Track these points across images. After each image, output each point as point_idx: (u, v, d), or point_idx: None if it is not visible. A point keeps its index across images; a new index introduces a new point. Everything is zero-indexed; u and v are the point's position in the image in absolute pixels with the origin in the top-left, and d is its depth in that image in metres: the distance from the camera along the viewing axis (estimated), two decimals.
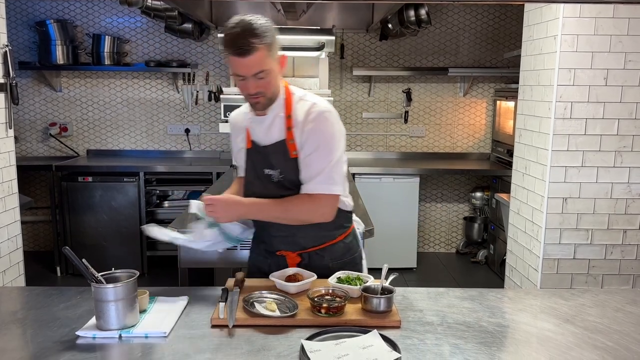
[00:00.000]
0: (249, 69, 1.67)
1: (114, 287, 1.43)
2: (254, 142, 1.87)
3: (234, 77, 1.74)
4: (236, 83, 1.77)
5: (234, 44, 1.65)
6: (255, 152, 1.87)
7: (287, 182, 1.82)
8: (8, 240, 2.85)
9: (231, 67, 1.71)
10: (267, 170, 1.84)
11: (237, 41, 1.64)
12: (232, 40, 1.65)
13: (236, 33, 1.65)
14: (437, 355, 1.36)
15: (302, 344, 1.34)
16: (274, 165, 1.82)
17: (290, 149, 1.79)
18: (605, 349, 1.41)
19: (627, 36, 2.82)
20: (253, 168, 1.88)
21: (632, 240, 3.01)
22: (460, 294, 1.78)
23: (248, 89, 1.72)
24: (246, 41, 1.64)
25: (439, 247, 5.52)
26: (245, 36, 1.64)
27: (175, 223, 2.66)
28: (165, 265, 4.72)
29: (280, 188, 1.82)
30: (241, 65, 1.67)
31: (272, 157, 1.82)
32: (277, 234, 1.87)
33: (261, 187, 1.85)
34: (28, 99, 5.08)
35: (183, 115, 5.20)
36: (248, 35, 1.64)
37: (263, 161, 1.84)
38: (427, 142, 5.35)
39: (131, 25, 5.03)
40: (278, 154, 1.81)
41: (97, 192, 4.52)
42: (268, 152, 1.83)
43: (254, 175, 1.88)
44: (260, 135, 1.85)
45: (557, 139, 2.92)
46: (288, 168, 1.80)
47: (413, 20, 4.11)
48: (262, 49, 1.66)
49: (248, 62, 1.66)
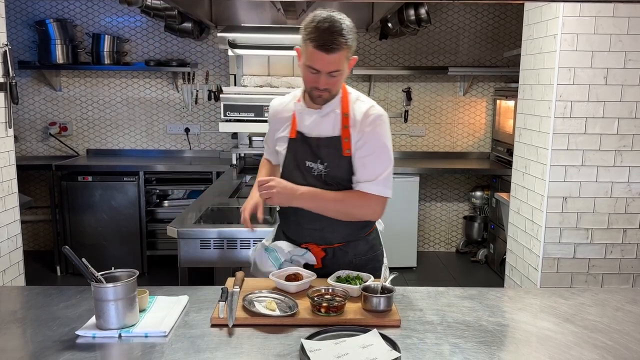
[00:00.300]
0: (328, 65, 1.69)
1: (114, 287, 1.43)
2: (300, 133, 1.87)
3: (305, 67, 1.73)
4: (304, 73, 1.77)
5: (322, 38, 1.65)
6: (300, 142, 1.87)
7: (329, 178, 1.84)
8: (8, 239, 2.85)
9: (307, 58, 1.71)
10: (310, 163, 1.85)
11: (325, 36, 1.65)
12: (321, 35, 1.65)
13: (326, 28, 1.66)
14: (437, 355, 1.36)
15: (302, 343, 1.34)
16: (322, 158, 1.84)
17: (344, 147, 1.82)
18: (605, 348, 1.41)
19: (627, 35, 2.82)
20: (294, 159, 1.88)
21: (632, 240, 3.01)
22: (460, 293, 1.78)
23: (318, 83, 1.74)
24: (334, 39, 1.65)
25: (438, 246, 5.52)
26: (334, 33, 1.65)
27: (175, 222, 2.66)
28: (165, 264, 4.72)
29: (320, 182, 1.84)
30: (322, 60, 1.68)
31: (321, 151, 1.84)
32: (308, 226, 1.88)
33: (300, 179, 1.85)
34: (28, 99, 5.08)
35: (183, 115, 5.19)
36: (337, 33, 1.66)
37: (308, 153, 1.85)
38: (427, 141, 5.35)
39: (131, 24, 5.03)
40: (329, 148, 1.83)
41: (97, 192, 4.52)
42: (318, 145, 1.84)
43: (294, 165, 1.88)
44: (310, 126, 1.86)
45: (557, 138, 2.92)
46: (337, 164, 1.83)
47: (413, 19, 4.11)
48: (346, 49, 1.69)
49: (330, 58, 1.67)
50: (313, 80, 1.74)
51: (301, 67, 1.77)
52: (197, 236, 2.54)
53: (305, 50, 1.72)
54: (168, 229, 2.58)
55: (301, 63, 1.77)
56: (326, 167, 1.83)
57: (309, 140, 1.85)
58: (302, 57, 1.76)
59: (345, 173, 1.84)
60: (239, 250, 2.51)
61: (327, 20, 1.67)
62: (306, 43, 1.70)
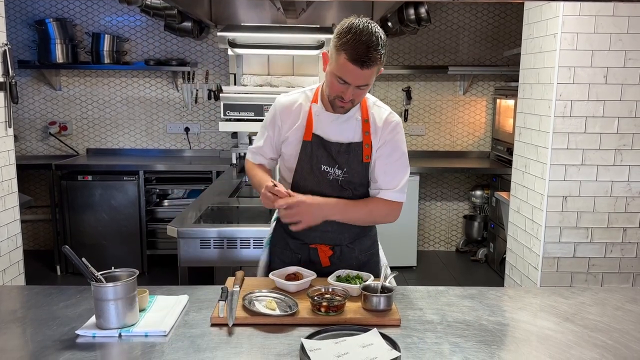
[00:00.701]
0: (359, 79, 1.65)
1: (114, 286, 1.43)
2: (317, 136, 1.82)
3: (333, 75, 1.67)
4: (330, 81, 1.71)
5: (358, 52, 1.59)
6: (316, 146, 1.82)
7: (345, 183, 1.83)
8: (8, 239, 2.85)
9: (338, 69, 1.64)
10: (326, 167, 1.82)
11: (362, 50, 1.59)
12: (357, 48, 1.59)
13: (363, 41, 1.59)
14: (436, 354, 1.36)
15: (302, 343, 1.34)
16: (340, 164, 1.82)
17: (364, 153, 1.82)
18: (605, 347, 1.41)
19: (627, 34, 2.82)
20: (309, 162, 1.83)
21: (632, 239, 3.01)
22: (460, 292, 1.78)
23: (344, 94, 1.69)
24: (371, 54, 1.60)
25: (438, 245, 5.52)
26: (370, 48, 1.60)
27: (175, 222, 2.66)
28: (165, 264, 4.72)
29: (335, 187, 1.83)
30: (355, 74, 1.63)
31: (341, 156, 1.81)
32: (319, 229, 1.84)
33: (315, 183, 1.83)
34: (27, 98, 5.07)
35: (183, 114, 5.19)
36: (374, 48, 1.60)
37: (325, 157, 1.82)
38: (427, 140, 5.35)
39: (130, 23, 5.03)
40: (350, 154, 1.81)
41: (97, 191, 4.52)
42: (339, 151, 1.81)
43: (308, 169, 1.84)
44: (330, 131, 1.82)
45: (557, 137, 2.92)
46: (355, 170, 1.82)
47: (413, 18, 4.11)
48: (379, 64, 1.65)
49: (363, 74, 1.63)
50: (339, 89, 1.69)
51: (328, 74, 1.71)
52: (197, 235, 2.54)
53: (336, 59, 1.65)
54: (168, 228, 2.58)
55: (328, 70, 1.70)
56: (345, 172, 1.82)
57: (329, 145, 1.81)
58: (330, 64, 1.69)
59: (362, 178, 1.85)
60: (239, 249, 2.51)
61: (365, 33, 1.60)
62: (339, 52, 1.63)
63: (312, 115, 1.83)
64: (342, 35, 1.63)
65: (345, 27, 1.64)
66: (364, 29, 1.61)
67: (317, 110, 1.83)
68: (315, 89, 1.88)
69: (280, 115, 1.88)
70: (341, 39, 1.63)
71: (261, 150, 1.95)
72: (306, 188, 1.83)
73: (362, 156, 1.82)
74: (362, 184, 1.87)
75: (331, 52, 1.68)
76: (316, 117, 1.82)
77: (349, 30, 1.62)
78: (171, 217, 3.34)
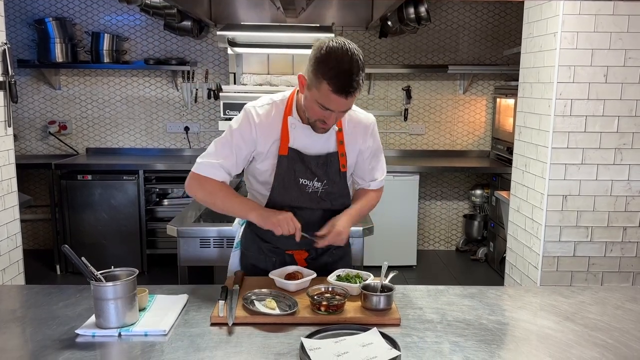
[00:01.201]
0: (343, 106, 1.62)
1: (114, 286, 1.43)
2: (294, 150, 1.76)
3: (316, 104, 1.61)
4: (310, 106, 1.65)
5: (341, 82, 1.54)
6: (293, 159, 1.76)
7: (325, 194, 1.82)
8: (7, 238, 2.85)
9: (320, 97, 1.59)
10: (304, 180, 1.78)
11: (345, 80, 1.54)
12: (340, 78, 1.54)
13: (345, 70, 1.53)
14: (436, 353, 1.36)
15: (302, 342, 1.34)
16: (320, 176, 1.79)
17: (340, 163, 1.82)
18: (605, 346, 1.41)
19: (627, 33, 2.81)
20: (286, 176, 1.77)
21: (632, 238, 3.01)
22: (460, 291, 1.78)
23: (327, 120, 1.66)
24: (354, 81, 1.55)
25: (438, 244, 5.52)
26: (353, 76, 1.54)
27: (174, 221, 2.65)
28: (164, 263, 4.72)
29: (314, 199, 1.82)
30: (338, 103, 1.59)
31: (320, 168, 1.79)
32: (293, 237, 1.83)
33: (294, 198, 1.80)
34: (27, 97, 5.07)
35: (182, 113, 5.19)
36: (356, 75, 1.55)
37: (303, 171, 1.78)
38: (427, 139, 5.34)
39: (130, 23, 5.02)
40: (328, 166, 1.79)
41: (97, 191, 4.52)
42: (317, 164, 1.78)
43: (286, 184, 1.78)
44: (307, 144, 1.77)
45: (557, 136, 2.91)
46: (334, 181, 1.82)
47: (413, 17, 4.10)
48: (361, 86, 1.60)
49: (347, 102, 1.59)
50: (321, 115, 1.64)
51: (307, 99, 1.65)
52: (197, 235, 2.54)
53: (317, 86, 1.58)
54: (168, 227, 2.58)
55: (308, 96, 1.63)
56: (324, 184, 1.81)
57: (307, 158, 1.77)
58: (309, 89, 1.62)
59: (341, 189, 1.86)
60: None
61: (345, 60, 1.53)
62: (319, 81, 1.56)
63: (288, 128, 1.75)
64: (321, 62, 1.56)
65: (324, 52, 1.56)
66: (344, 56, 1.54)
67: (293, 122, 1.75)
68: (287, 99, 1.79)
69: (257, 129, 1.75)
70: (321, 68, 1.56)
71: (225, 165, 1.76)
72: (284, 203, 1.80)
73: (339, 166, 1.81)
74: (341, 195, 1.87)
75: (310, 78, 1.61)
76: (292, 130, 1.75)
77: (327, 57, 1.55)
78: (171, 217, 3.34)
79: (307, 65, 1.62)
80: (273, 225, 1.70)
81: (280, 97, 1.81)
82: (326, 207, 1.85)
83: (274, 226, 1.70)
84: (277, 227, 1.69)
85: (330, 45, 1.56)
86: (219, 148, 1.78)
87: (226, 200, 1.78)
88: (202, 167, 1.78)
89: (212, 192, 1.78)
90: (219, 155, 1.77)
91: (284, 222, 1.69)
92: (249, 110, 1.77)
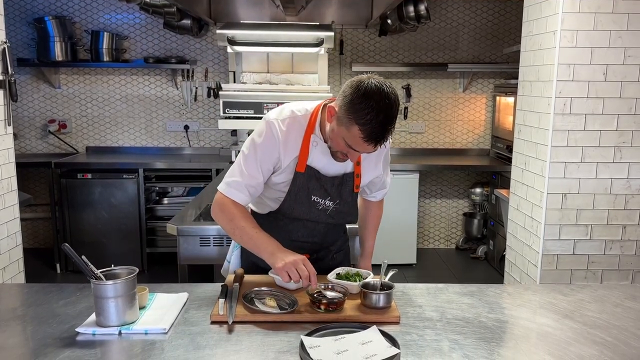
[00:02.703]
0: (371, 150, 1.56)
1: (114, 284, 1.43)
2: (312, 168, 1.72)
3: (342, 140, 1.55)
4: (337, 140, 1.59)
5: (376, 134, 1.47)
6: (309, 177, 1.72)
7: (334, 212, 1.81)
8: (7, 237, 2.85)
9: (349, 139, 1.52)
10: (317, 198, 1.76)
11: (379, 132, 1.48)
12: (375, 130, 1.47)
13: (382, 122, 1.46)
14: (436, 351, 1.36)
15: (302, 340, 1.35)
16: (333, 196, 1.77)
17: (355, 183, 1.80)
18: (604, 344, 1.41)
19: (626, 31, 2.81)
20: (302, 192, 1.74)
21: (631, 236, 3.01)
22: (459, 289, 1.78)
23: (351, 157, 1.64)
24: (387, 132, 1.49)
25: (438, 243, 5.52)
26: (387, 127, 1.48)
27: (174, 220, 2.66)
28: (164, 262, 4.72)
29: (323, 215, 1.81)
30: (367, 148, 1.54)
31: (334, 188, 1.76)
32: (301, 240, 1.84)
33: (304, 212, 1.79)
34: (27, 96, 5.07)
35: (182, 112, 5.19)
36: (389, 124, 1.48)
37: (317, 189, 1.75)
38: (427, 138, 5.34)
39: (130, 21, 5.02)
40: (342, 186, 1.78)
41: (97, 189, 4.52)
42: (333, 183, 1.75)
43: (298, 200, 1.75)
44: (325, 164, 1.73)
45: (557, 134, 2.91)
46: (346, 201, 1.81)
47: (412, 15, 4.11)
48: (393, 134, 1.55)
49: (376, 148, 1.55)
50: (344, 150, 1.59)
51: (334, 132, 1.58)
52: (197, 233, 2.54)
53: (347, 126, 1.50)
54: (168, 226, 2.58)
55: (336, 129, 1.56)
56: (336, 204, 1.80)
57: (324, 178, 1.74)
58: (339, 125, 1.54)
59: (351, 207, 1.86)
60: None
61: (381, 108, 1.45)
62: (351, 123, 1.49)
63: (310, 146, 1.70)
64: (357, 105, 1.47)
65: (361, 93, 1.48)
66: (381, 102, 1.46)
67: (315, 140, 1.70)
68: (310, 114, 1.71)
69: (281, 143, 1.68)
70: (356, 111, 1.47)
71: (250, 184, 1.70)
72: (292, 215, 1.80)
73: (353, 187, 1.80)
74: (350, 213, 1.87)
75: (341, 114, 1.52)
76: (313, 148, 1.70)
77: (365, 100, 1.46)
78: (171, 215, 3.33)
79: (339, 98, 1.55)
80: (280, 271, 1.56)
81: (303, 111, 1.72)
82: (333, 222, 1.86)
83: (281, 272, 1.56)
84: (284, 273, 1.55)
85: (368, 87, 1.48)
86: (243, 165, 1.71)
87: (244, 233, 1.69)
88: (227, 187, 1.72)
89: (233, 220, 1.70)
90: (243, 173, 1.70)
91: (291, 267, 1.54)
92: (272, 122, 1.69)
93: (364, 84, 1.49)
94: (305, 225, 1.83)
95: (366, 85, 1.49)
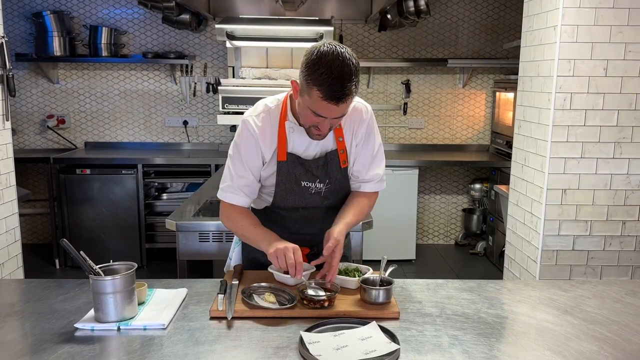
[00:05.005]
0: (336, 113, 1.57)
1: (112, 280, 1.42)
2: (292, 154, 1.74)
3: (308, 110, 1.58)
4: (304, 113, 1.62)
5: (332, 89, 1.49)
6: (293, 164, 1.74)
7: (328, 193, 1.81)
8: (6, 232, 2.85)
9: (312, 104, 1.55)
10: (306, 183, 1.77)
11: (336, 87, 1.49)
12: (331, 85, 1.49)
13: (337, 77, 1.48)
14: (435, 347, 1.36)
15: (301, 336, 1.34)
16: (321, 177, 1.77)
17: (341, 159, 1.79)
18: (604, 339, 1.41)
19: (627, 27, 2.80)
20: (289, 180, 1.76)
21: (631, 232, 3.01)
22: (459, 285, 1.78)
23: (320, 127, 1.62)
24: (345, 88, 1.50)
25: (437, 238, 5.53)
26: (345, 82, 1.49)
27: (173, 215, 2.65)
28: (163, 257, 4.72)
29: (318, 198, 1.81)
30: (330, 109, 1.54)
31: (320, 170, 1.76)
32: (300, 232, 1.84)
33: (298, 200, 1.79)
34: (25, 91, 5.05)
35: (181, 107, 5.18)
36: (348, 81, 1.50)
37: (303, 174, 1.76)
38: (426, 133, 5.34)
39: (128, 16, 5.00)
40: (327, 165, 1.77)
41: (95, 185, 4.52)
42: (317, 165, 1.76)
43: (288, 188, 1.77)
44: (304, 147, 1.75)
45: (557, 130, 2.91)
46: (336, 178, 1.80)
47: (412, 10, 4.09)
48: (354, 93, 1.56)
49: (339, 108, 1.55)
50: (315, 121, 1.61)
51: (300, 105, 1.61)
52: (196, 229, 2.54)
53: (308, 92, 1.54)
54: (167, 221, 2.58)
55: (301, 102, 1.60)
56: (327, 184, 1.80)
57: (307, 162, 1.75)
58: (302, 95, 1.59)
59: (344, 185, 1.84)
60: None
61: (336, 65, 1.48)
62: (310, 87, 1.52)
63: (286, 133, 1.73)
64: (312, 68, 1.51)
65: (314, 57, 1.52)
66: (335, 61, 1.49)
67: (291, 126, 1.73)
68: (281, 103, 1.76)
69: (259, 138, 1.73)
70: (312, 73, 1.51)
71: (243, 184, 1.76)
72: (288, 204, 1.81)
73: (339, 163, 1.79)
74: (344, 189, 1.86)
75: (301, 84, 1.57)
76: (290, 134, 1.73)
77: (318, 62, 1.50)
78: (170, 211, 3.34)
79: (299, 70, 1.58)
80: (271, 256, 1.62)
81: (275, 102, 1.77)
82: (330, 205, 1.85)
83: (272, 257, 1.62)
84: (274, 258, 1.61)
85: (321, 50, 1.52)
86: (231, 168, 1.78)
87: (245, 231, 1.77)
88: (223, 193, 1.79)
89: (235, 221, 1.79)
90: (233, 176, 1.77)
91: (280, 253, 1.60)
92: (247, 120, 1.76)
93: (317, 48, 1.54)
94: (302, 215, 1.82)
95: (319, 48, 1.53)
